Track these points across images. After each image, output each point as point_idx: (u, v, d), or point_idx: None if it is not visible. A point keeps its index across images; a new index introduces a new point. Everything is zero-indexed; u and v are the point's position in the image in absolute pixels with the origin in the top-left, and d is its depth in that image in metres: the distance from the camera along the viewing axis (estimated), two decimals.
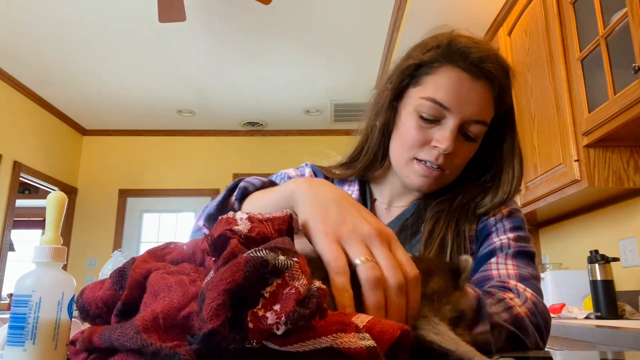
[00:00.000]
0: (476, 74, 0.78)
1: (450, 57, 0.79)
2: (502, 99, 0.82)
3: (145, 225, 5.40)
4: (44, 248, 0.46)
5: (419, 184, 0.84)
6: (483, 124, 0.81)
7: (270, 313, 0.36)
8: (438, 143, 0.79)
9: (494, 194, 0.85)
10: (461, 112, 0.78)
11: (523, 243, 0.83)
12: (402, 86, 0.85)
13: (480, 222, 0.87)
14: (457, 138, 0.80)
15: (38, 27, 3.48)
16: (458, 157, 0.82)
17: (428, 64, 0.81)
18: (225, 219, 0.47)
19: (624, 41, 1.73)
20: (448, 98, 0.78)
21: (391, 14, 3.29)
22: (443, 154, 0.80)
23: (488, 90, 0.79)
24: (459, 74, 0.78)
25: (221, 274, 0.37)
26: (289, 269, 0.39)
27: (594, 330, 1.48)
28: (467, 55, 0.78)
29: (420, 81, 0.82)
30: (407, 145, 0.83)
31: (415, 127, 0.81)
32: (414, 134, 0.81)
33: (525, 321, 0.69)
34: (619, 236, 2.26)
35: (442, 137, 0.79)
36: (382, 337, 0.39)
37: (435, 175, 0.82)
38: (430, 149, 0.81)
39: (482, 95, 0.79)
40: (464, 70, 0.78)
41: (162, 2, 2.80)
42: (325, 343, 0.37)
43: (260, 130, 5.49)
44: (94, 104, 4.83)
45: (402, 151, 0.84)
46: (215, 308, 0.35)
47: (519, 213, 0.88)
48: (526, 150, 2.47)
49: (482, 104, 0.79)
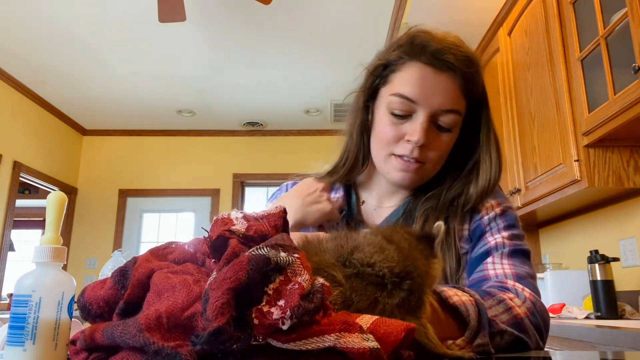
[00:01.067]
0: (438, 66, 0.81)
1: (412, 52, 0.83)
2: (471, 88, 0.83)
3: (145, 225, 5.40)
4: (44, 248, 0.46)
5: (400, 179, 0.87)
6: (455, 113, 0.83)
7: (275, 308, 0.36)
8: (410, 136, 0.82)
9: (475, 184, 0.87)
10: (429, 104, 0.81)
11: (518, 241, 0.84)
12: (373, 87, 0.89)
13: (474, 222, 0.87)
14: (431, 130, 0.83)
15: (38, 27, 3.47)
16: (434, 148, 0.84)
17: (393, 62, 0.85)
18: (221, 220, 0.47)
19: (624, 41, 1.73)
20: (414, 92, 0.81)
21: (391, 14, 3.29)
22: (417, 146, 0.82)
23: (453, 81, 0.81)
24: (422, 68, 0.81)
25: (224, 273, 0.37)
26: (290, 265, 0.39)
27: (594, 330, 1.48)
28: (426, 49, 0.81)
29: (389, 80, 0.86)
30: (383, 142, 0.86)
31: (389, 124, 0.85)
32: (388, 131, 0.85)
33: (525, 322, 0.69)
34: (619, 236, 2.26)
35: (414, 130, 0.82)
36: (387, 339, 0.39)
37: (413, 169, 0.85)
38: (405, 144, 0.84)
39: (448, 85, 0.81)
40: (426, 64, 0.81)
41: (162, 2, 2.80)
42: (329, 342, 0.37)
43: (260, 130, 5.49)
44: (94, 104, 4.83)
45: (380, 149, 0.88)
46: (220, 307, 0.35)
47: (512, 211, 0.88)
48: (526, 150, 2.47)
49: (449, 94, 0.81)
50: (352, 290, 0.47)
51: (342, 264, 0.50)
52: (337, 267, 0.49)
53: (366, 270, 0.49)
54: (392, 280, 0.49)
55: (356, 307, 0.46)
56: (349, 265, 0.50)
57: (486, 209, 0.87)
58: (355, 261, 0.50)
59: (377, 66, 0.88)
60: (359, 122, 0.92)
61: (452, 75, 0.81)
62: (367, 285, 0.49)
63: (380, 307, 0.48)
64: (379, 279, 0.49)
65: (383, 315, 0.44)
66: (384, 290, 0.49)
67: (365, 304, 0.47)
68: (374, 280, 0.49)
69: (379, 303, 0.48)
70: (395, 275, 0.50)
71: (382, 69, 0.87)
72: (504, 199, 0.90)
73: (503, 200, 0.89)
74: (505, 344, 0.65)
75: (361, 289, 0.48)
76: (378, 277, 0.49)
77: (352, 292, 0.47)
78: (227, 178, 5.41)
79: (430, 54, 0.81)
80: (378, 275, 0.49)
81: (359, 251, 0.51)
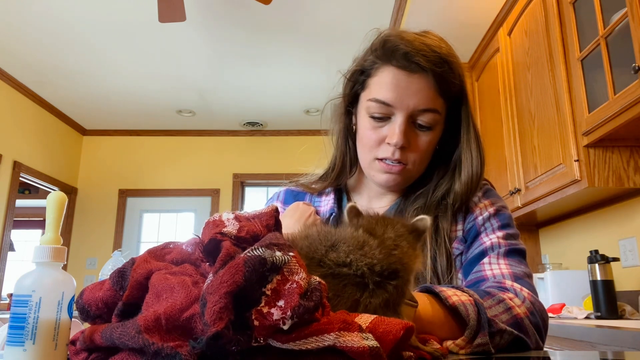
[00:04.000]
0: (410, 68, 0.82)
1: (384, 57, 0.85)
2: (446, 86, 0.84)
3: (145, 225, 5.39)
4: (44, 248, 0.46)
5: (385, 181, 0.88)
6: (432, 112, 0.84)
7: (275, 309, 0.36)
8: (390, 139, 0.84)
9: (459, 180, 0.88)
10: (405, 106, 0.83)
11: (513, 240, 0.84)
12: (352, 92, 0.92)
13: (467, 223, 0.87)
14: (410, 130, 0.85)
15: (38, 27, 3.47)
16: (416, 149, 0.86)
17: (368, 67, 0.88)
18: (212, 222, 0.46)
19: (624, 41, 1.73)
20: (389, 95, 0.83)
21: (391, 14, 3.29)
22: (397, 148, 0.84)
23: (427, 81, 0.83)
24: (394, 72, 0.83)
25: (221, 276, 0.37)
26: (287, 264, 0.39)
27: (594, 330, 1.48)
28: (396, 52, 0.83)
29: (366, 85, 0.88)
30: (366, 146, 0.88)
31: (369, 128, 0.87)
32: (369, 135, 0.87)
33: (525, 322, 0.69)
34: (619, 236, 2.26)
35: (392, 132, 0.84)
36: (386, 338, 0.39)
37: (397, 170, 0.86)
38: (386, 146, 0.85)
39: (421, 86, 0.82)
40: (398, 67, 0.83)
41: (162, 2, 2.80)
42: (328, 341, 0.37)
43: (260, 130, 5.49)
44: (94, 104, 4.83)
45: (364, 153, 0.90)
46: (218, 311, 0.35)
47: (505, 210, 0.89)
48: (526, 150, 2.47)
49: (424, 94, 0.83)
50: (330, 291, 0.45)
51: (316, 264, 0.48)
52: (311, 267, 0.47)
53: (342, 270, 0.47)
54: (373, 279, 0.47)
55: (336, 309, 0.44)
56: (323, 265, 0.48)
57: (480, 209, 0.87)
58: (330, 261, 0.48)
59: (353, 72, 0.91)
60: (342, 127, 0.94)
61: (424, 76, 0.82)
62: (345, 286, 0.47)
63: (362, 309, 0.46)
64: (358, 279, 0.47)
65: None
66: (365, 290, 0.47)
67: (346, 306, 0.45)
68: (353, 280, 0.47)
69: (360, 305, 0.46)
70: (377, 274, 0.48)
71: (359, 74, 0.90)
72: (497, 199, 0.90)
73: (496, 200, 0.89)
74: (505, 343, 0.65)
75: (339, 290, 0.46)
76: (357, 277, 0.47)
77: (330, 293, 0.45)
78: (227, 178, 5.41)
79: (401, 57, 0.82)
80: (357, 274, 0.47)
81: (334, 250, 0.49)
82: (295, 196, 1.01)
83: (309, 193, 1.00)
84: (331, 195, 0.97)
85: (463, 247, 0.86)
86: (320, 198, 0.98)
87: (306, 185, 1.01)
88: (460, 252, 0.85)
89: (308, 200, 0.99)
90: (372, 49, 0.87)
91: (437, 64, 0.82)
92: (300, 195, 1.01)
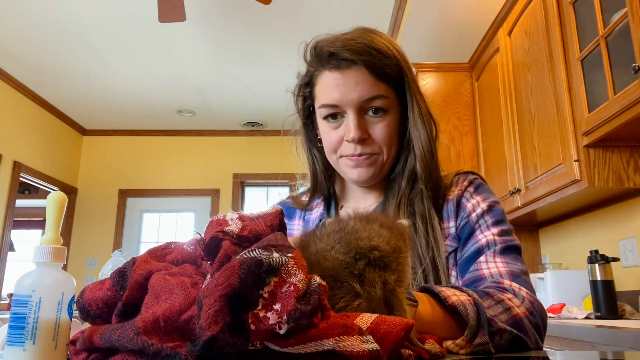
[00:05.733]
0: (341, 65, 0.85)
1: (317, 63, 0.89)
2: (381, 70, 0.85)
3: (145, 225, 5.40)
4: (44, 248, 0.46)
5: (357, 176, 0.90)
6: (379, 98, 0.86)
7: (272, 313, 0.35)
8: (347, 136, 0.87)
9: (414, 157, 0.89)
10: (350, 102, 0.86)
11: (508, 237, 0.84)
12: (305, 106, 0.97)
13: (461, 219, 0.87)
14: (364, 120, 0.87)
15: (38, 27, 3.47)
16: (376, 137, 0.88)
17: (309, 78, 0.93)
18: (216, 221, 0.46)
19: (624, 41, 1.73)
20: (333, 97, 0.86)
21: (391, 15, 3.29)
22: (357, 143, 0.87)
23: (361, 72, 0.85)
24: (328, 73, 0.87)
25: (216, 279, 0.36)
26: (284, 265, 0.38)
27: (594, 330, 1.48)
28: (324, 55, 0.86)
29: (314, 94, 0.93)
30: (330, 149, 0.91)
31: (328, 132, 0.91)
32: (330, 137, 0.90)
33: (525, 322, 0.69)
34: (619, 236, 2.26)
35: (347, 129, 0.87)
36: (388, 338, 0.39)
37: (365, 162, 0.88)
38: (347, 144, 0.88)
39: (358, 79, 0.85)
40: (331, 69, 0.86)
41: (162, 2, 2.80)
42: (328, 346, 0.36)
43: (260, 130, 5.49)
44: (94, 104, 4.83)
45: (330, 155, 0.93)
46: (213, 315, 0.34)
47: (498, 205, 0.89)
48: (526, 150, 2.47)
49: (363, 85, 0.85)
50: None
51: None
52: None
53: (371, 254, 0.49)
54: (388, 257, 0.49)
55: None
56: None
57: (472, 205, 0.87)
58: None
59: (300, 87, 0.96)
60: (304, 140, 1.00)
61: (357, 68, 0.84)
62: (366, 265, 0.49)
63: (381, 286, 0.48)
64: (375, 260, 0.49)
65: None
66: (387, 269, 0.49)
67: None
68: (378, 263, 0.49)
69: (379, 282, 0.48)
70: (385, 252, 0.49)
71: (305, 87, 0.95)
72: (489, 194, 0.90)
73: (488, 195, 0.89)
74: (504, 343, 0.65)
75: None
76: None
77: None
78: (227, 178, 5.40)
79: (330, 59, 0.85)
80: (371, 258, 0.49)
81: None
82: (287, 210, 1.04)
83: (298, 209, 1.03)
84: (321, 205, 1.00)
85: (457, 244, 0.86)
86: (310, 210, 1.01)
87: (296, 198, 1.05)
88: (453, 249, 0.85)
89: (298, 216, 1.02)
90: (306, 60, 0.91)
91: (364, 53, 0.84)
92: (291, 210, 1.04)
